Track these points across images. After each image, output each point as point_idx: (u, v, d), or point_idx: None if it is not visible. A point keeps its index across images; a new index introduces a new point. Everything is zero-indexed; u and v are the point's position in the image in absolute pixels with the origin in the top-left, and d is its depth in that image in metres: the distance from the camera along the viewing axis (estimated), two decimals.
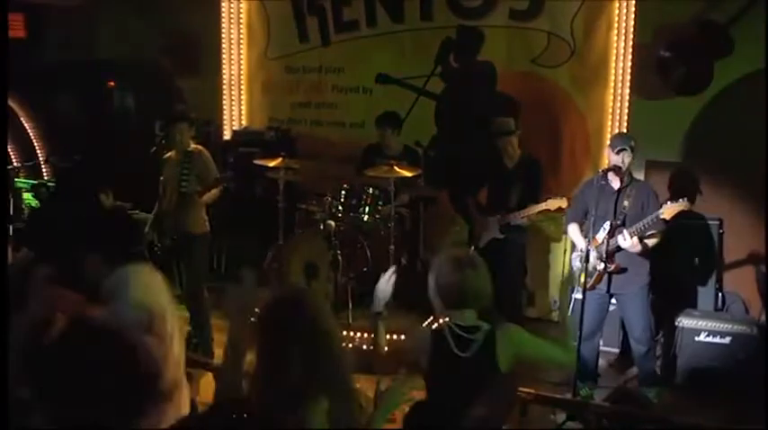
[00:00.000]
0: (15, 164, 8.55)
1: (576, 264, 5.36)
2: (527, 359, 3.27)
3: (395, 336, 5.71)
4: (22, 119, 8.97)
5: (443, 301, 3.16)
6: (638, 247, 4.96)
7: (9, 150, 8.79)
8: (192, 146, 5.99)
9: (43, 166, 8.66)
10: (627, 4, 6.51)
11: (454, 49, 7.19)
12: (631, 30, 6.49)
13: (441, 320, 3.16)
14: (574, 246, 5.73)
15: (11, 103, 8.76)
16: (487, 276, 3.17)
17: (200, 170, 5.86)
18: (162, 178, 6.07)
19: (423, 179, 6.53)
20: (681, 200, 4.85)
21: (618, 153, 5.03)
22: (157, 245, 5.85)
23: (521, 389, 4.62)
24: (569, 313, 5.36)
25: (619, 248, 5.03)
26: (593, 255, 5.05)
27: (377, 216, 6.38)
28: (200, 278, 6.00)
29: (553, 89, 6.84)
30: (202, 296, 5.97)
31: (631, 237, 4.91)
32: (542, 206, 5.74)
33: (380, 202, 6.37)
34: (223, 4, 8.09)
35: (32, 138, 9.07)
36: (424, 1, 7.21)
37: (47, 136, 9.01)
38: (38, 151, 9.06)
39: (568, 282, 5.93)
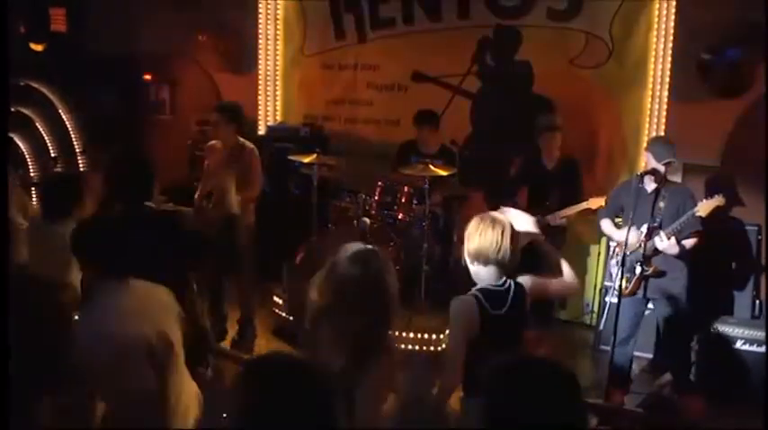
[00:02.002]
0: (53, 154, 8.68)
1: (614, 269, 5.31)
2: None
3: (433, 335, 5.76)
4: (60, 110, 9.08)
5: (470, 259, 3.34)
6: (676, 248, 4.89)
7: (47, 141, 8.92)
8: (242, 141, 6.04)
9: (80, 158, 8.78)
10: (667, 5, 6.43)
11: (491, 49, 7.16)
12: (671, 30, 6.42)
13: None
14: (609, 251, 5.69)
15: (50, 95, 8.89)
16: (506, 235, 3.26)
17: (244, 169, 5.91)
18: (206, 165, 6.14)
19: (457, 178, 6.51)
20: (716, 196, 4.80)
21: (663, 164, 4.98)
22: None
23: None
24: (604, 318, 5.34)
25: (656, 252, 4.98)
26: (630, 259, 5.00)
27: (411, 214, 6.36)
28: (246, 264, 6.06)
29: (590, 90, 6.78)
30: (248, 284, 6.04)
31: (668, 238, 4.85)
32: (584, 205, 5.74)
33: (415, 201, 6.36)
34: (260, 1, 8.13)
35: (70, 129, 9.18)
36: (461, 0, 7.18)
37: (84, 128, 9.11)
38: (75, 143, 9.17)
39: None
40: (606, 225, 5.42)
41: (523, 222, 3.53)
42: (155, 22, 8.50)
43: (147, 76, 8.82)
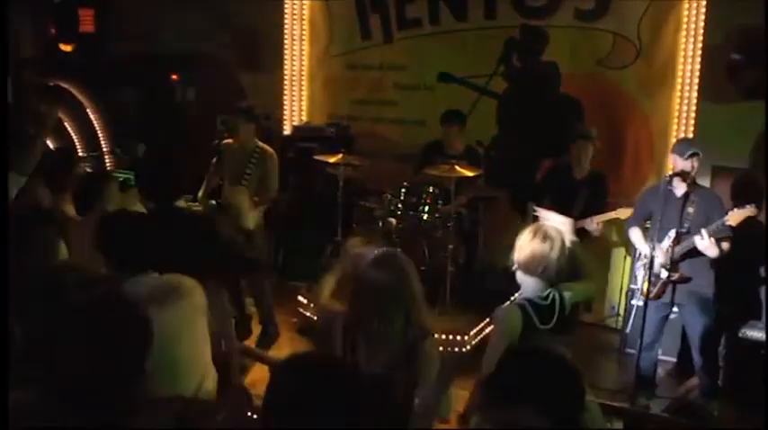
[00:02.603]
0: (81, 154, 8.77)
1: (640, 272, 5.27)
2: None
3: (458, 337, 5.75)
4: (88, 110, 9.17)
5: (518, 267, 3.39)
6: (715, 249, 4.78)
7: (75, 140, 9.02)
8: (261, 145, 6.05)
9: (107, 157, 8.86)
10: (697, 5, 6.37)
11: (518, 49, 7.13)
12: (701, 31, 6.35)
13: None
14: (635, 254, 5.65)
15: (78, 95, 8.99)
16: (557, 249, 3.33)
17: (263, 173, 5.94)
18: (214, 160, 6.17)
19: (483, 179, 6.49)
20: (747, 206, 4.73)
21: (687, 158, 4.93)
22: None
23: None
24: (630, 321, 5.31)
25: (683, 257, 4.92)
26: (657, 262, 4.96)
27: (436, 215, 6.35)
28: (264, 273, 6.08)
29: (618, 91, 6.74)
30: (268, 291, 6.07)
31: (709, 237, 4.76)
32: (612, 215, 5.67)
33: (440, 201, 6.35)
34: (286, 1, 8.15)
35: (97, 129, 9.28)
36: (487, 0, 7.15)
37: (111, 127, 9.21)
38: (102, 142, 9.27)
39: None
40: (634, 234, 5.31)
41: (561, 226, 3.54)
42: (181, 22, 8.55)
43: (174, 76, 8.88)
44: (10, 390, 2.18)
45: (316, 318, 6.25)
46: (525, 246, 3.34)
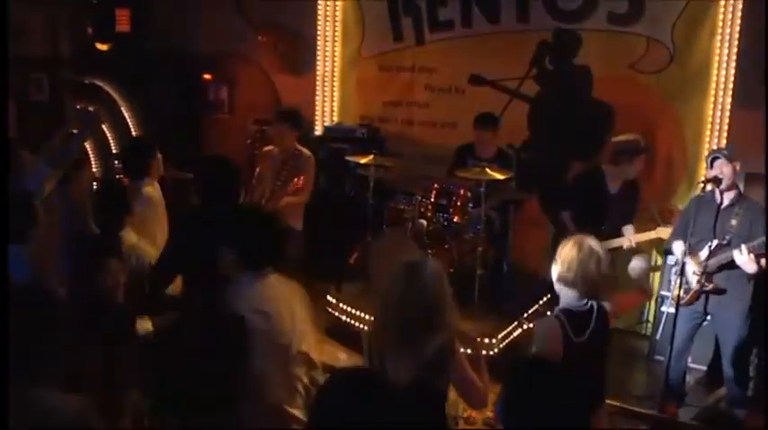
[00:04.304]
0: (115, 151, 8.89)
1: (673, 278, 5.24)
2: None
3: (485, 340, 5.75)
4: (122, 108, 9.30)
5: (557, 278, 3.44)
6: (754, 265, 4.71)
7: (109, 139, 9.15)
8: (299, 147, 6.09)
9: None
10: (732, 8, 6.31)
11: (550, 52, 7.12)
12: (736, 35, 6.30)
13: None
14: (666, 260, 5.61)
15: (113, 93, 9.11)
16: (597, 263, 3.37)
17: (296, 174, 5.98)
18: (257, 170, 6.22)
19: (514, 182, 6.49)
20: None
21: (712, 163, 4.90)
22: None
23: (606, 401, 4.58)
24: (660, 328, 5.28)
25: (720, 268, 4.88)
26: (690, 270, 4.93)
27: (466, 217, 6.36)
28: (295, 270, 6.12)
29: (650, 96, 6.70)
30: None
31: (749, 253, 4.70)
32: (652, 235, 5.62)
33: (471, 204, 6.36)
34: (319, 2, 8.20)
35: (131, 127, 9.40)
36: (520, 3, 7.14)
37: (145, 126, 9.32)
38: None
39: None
40: (677, 247, 5.16)
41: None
42: (215, 22, 8.64)
43: (207, 76, 8.97)
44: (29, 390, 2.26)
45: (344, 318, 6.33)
46: (566, 257, 3.39)
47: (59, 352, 2.43)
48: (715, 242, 4.87)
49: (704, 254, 4.92)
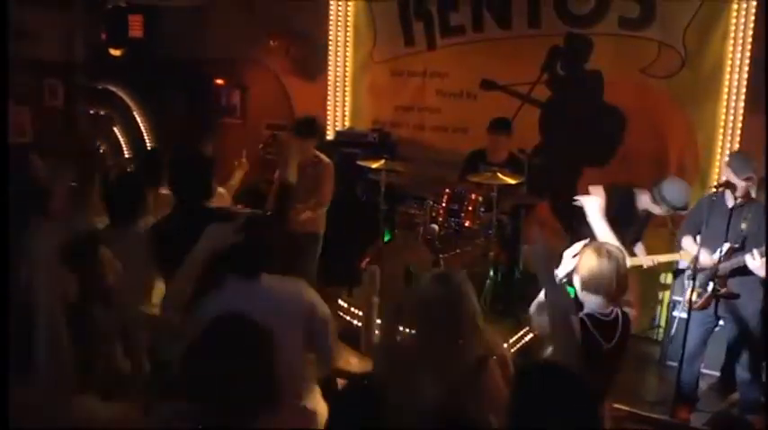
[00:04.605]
0: (127, 155, 8.96)
1: (685, 283, 5.23)
2: None
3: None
4: (134, 113, 9.36)
5: (580, 286, 3.41)
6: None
7: (121, 143, 9.22)
8: (318, 154, 6.11)
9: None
10: (745, 12, 6.30)
11: (562, 57, 7.12)
12: (749, 40, 6.29)
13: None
14: (678, 265, 5.58)
15: (126, 98, 9.18)
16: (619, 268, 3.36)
17: (316, 182, 6.01)
18: (276, 175, 6.23)
19: (525, 187, 6.49)
20: None
21: (744, 181, 4.87)
22: None
23: (616, 405, 4.58)
24: (672, 333, 5.27)
25: (733, 272, 4.88)
26: (702, 275, 4.92)
27: (478, 222, 6.37)
28: (311, 278, 6.15)
29: (662, 100, 6.69)
30: None
31: (761, 257, 4.70)
32: (675, 256, 5.55)
33: (482, 209, 6.36)
34: (331, 7, 8.23)
35: (143, 131, 9.47)
36: (531, 8, 7.15)
37: (157, 131, 9.38)
38: (147, 145, 9.45)
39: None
40: (687, 243, 5.21)
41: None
42: (227, 27, 8.69)
43: (219, 81, 9.02)
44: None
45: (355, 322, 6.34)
46: (588, 263, 3.38)
47: (98, 358, 2.46)
48: (726, 245, 4.86)
49: (716, 257, 4.91)
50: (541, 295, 3.50)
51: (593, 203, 4.14)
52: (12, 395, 2.27)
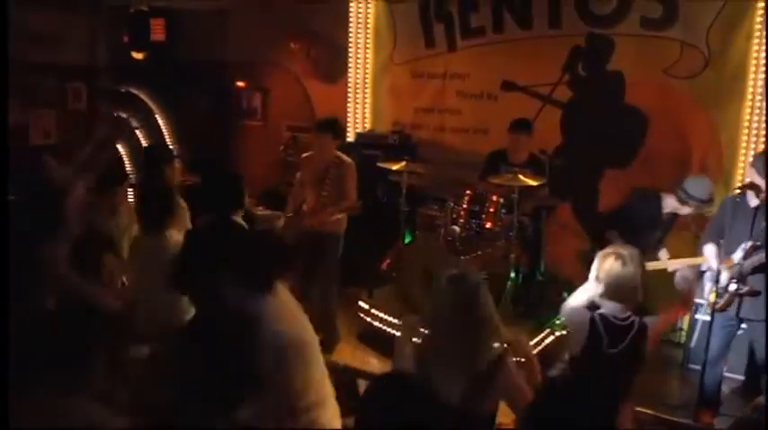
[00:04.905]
0: None
1: (707, 285, 5.18)
2: None
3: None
4: (156, 116, 9.43)
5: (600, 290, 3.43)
6: None
7: (144, 144, 9.28)
8: (339, 154, 6.14)
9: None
10: None
11: (583, 58, 7.08)
12: None
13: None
14: (700, 267, 5.53)
15: (148, 101, 9.24)
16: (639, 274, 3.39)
17: (340, 182, 6.03)
18: (298, 176, 6.26)
19: (547, 188, 6.46)
20: None
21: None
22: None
23: (638, 408, 4.55)
24: (694, 336, 5.22)
25: (755, 271, 4.83)
26: (724, 275, 4.87)
27: (499, 224, 6.35)
28: (333, 278, 6.17)
29: (685, 101, 6.62)
30: (333, 296, 6.15)
31: None
32: (700, 260, 5.51)
33: (503, 210, 6.34)
34: (351, 9, 8.24)
35: (165, 134, 9.52)
36: (552, 8, 7.11)
37: (179, 133, 9.44)
38: (170, 146, 9.51)
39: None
40: (709, 251, 5.12)
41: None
42: (248, 30, 8.73)
43: (240, 84, 9.07)
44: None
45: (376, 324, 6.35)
46: (609, 272, 3.36)
47: (101, 361, 2.47)
48: (749, 244, 4.81)
49: (738, 256, 4.86)
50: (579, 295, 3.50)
51: None
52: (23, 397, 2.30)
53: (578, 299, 3.59)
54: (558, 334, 6.03)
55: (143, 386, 3.04)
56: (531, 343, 5.80)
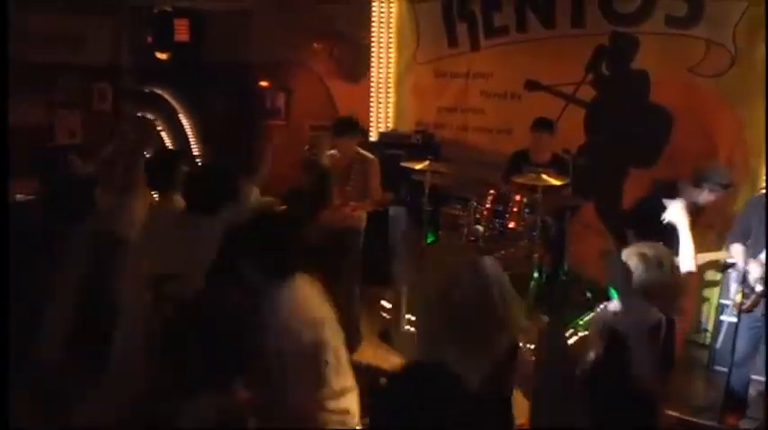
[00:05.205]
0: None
1: (733, 286, 5.13)
2: None
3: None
4: (180, 115, 9.50)
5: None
6: None
7: (168, 145, 9.34)
8: (362, 152, 6.15)
9: (198, 161, 9.15)
10: None
11: (607, 57, 7.02)
12: None
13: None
14: (727, 266, 5.48)
15: (172, 101, 9.31)
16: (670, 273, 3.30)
17: (363, 179, 6.05)
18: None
19: (570, 188, 6.43)
20: None
21: None
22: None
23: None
24: (720, 337, 5.17)
25: None
26: (752, 276, 4.82)
27: (522, 223, 6.33)
28: (355, 276, 6.18)
29: (710, 100, 6.54)
30: (356, 298, 6.16)
31: None
32: (724, 254, 5.45)
33: (527, 210, 6.32)
34: (374, 9, 8.25)
35: (189, 134, 9.60)
36: (576, 7, 7.07)
37: (203, 132, 9.50)
38: (193, 146, 9.59)
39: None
40: (736, 250, 5.07)
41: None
42: (271, 31, 8.76)
43: (264, 84, 9.11)
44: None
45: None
46: (637, 274, 3.29)
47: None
48: None
49: (763, 256, 4.81)
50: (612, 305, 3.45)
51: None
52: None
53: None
54: (581, 334, 6.00)
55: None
56: None
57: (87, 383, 2.59)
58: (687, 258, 4.78)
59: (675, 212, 4.98)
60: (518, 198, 6.35)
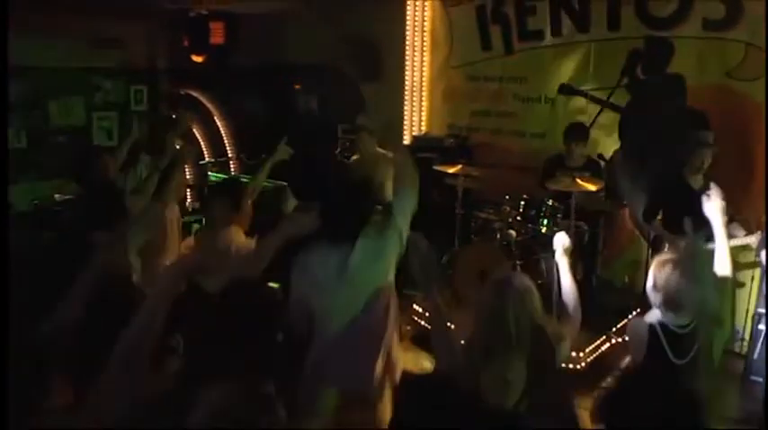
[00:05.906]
0: (208, 159, 9.15)
1: None
2: None
3: (572, 353, 5.67)
4: (215, 117, 9.58)
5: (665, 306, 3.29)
6: None
7: (202, 147, 9.43)
8: (382, 152, 6.18)
9: (232, 163, 9.21)
10: None
11: (642, 61, 6.96)
12: None
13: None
14: (763, 275, 5.41)
15: (207, 103, 9.39)
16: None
17: (382, 176, 6.05)
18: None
19: (604, 193, 6.38)
20: None
21: None
22: None
23: None
24: (757, 347, 5.09)
25: None
26: None
27: (555, 228, 6.29)
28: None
29: (748, 104, 6.45)
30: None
31: None
32: (747, 240, 5.39)
33: (560, 215, 6.29)
34: (408, 12, 8.26)
35: (224, 135, 9.67)
36: (611, 11, 7.01)
37: (237, 134, 9.57)
38: (228, 148, 9.66)
39: None
40: None
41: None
42: (305, 33, 8.80)
43: (297, 86, 9.15)
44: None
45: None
46: (665, 280, 3.25)
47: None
48: None
49: None
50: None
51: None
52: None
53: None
54: (614, 341, 5.95)
55: None
56: (587, 350, 5.75)
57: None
58: (723, 261, 4.72)
59: (713, 209, 4.94)
60: (551, 203, 6.32)
